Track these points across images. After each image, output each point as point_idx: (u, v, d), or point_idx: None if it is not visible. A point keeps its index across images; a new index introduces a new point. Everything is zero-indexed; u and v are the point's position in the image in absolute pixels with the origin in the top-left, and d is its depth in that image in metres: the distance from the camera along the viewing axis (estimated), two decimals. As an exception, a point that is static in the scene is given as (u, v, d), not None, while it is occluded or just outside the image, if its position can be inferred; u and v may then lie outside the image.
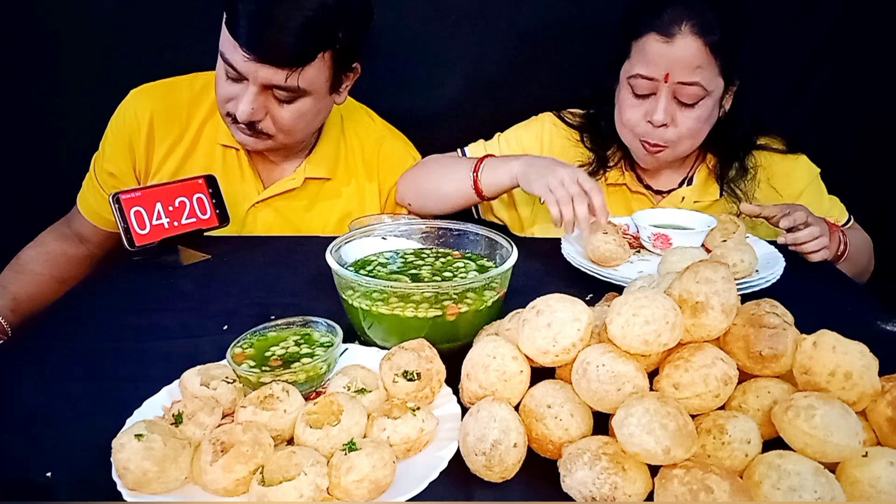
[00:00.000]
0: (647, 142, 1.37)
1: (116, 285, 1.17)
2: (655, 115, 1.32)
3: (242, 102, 1.28)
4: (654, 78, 1.31)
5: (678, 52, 1.27)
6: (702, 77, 1.29)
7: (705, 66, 1.28)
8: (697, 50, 1.27)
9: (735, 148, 1.46)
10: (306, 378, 0.76)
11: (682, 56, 1.27)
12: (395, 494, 0.64)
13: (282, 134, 1.36)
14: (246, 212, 1.45)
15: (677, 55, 1.28)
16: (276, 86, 1.27)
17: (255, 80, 1.26)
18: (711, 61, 1.29)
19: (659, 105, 1.31)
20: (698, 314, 0.70)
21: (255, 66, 1.23)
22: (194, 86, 1.44)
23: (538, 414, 0.69)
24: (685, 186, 1.49)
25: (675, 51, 1.28)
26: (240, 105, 1.28)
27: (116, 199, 1.17)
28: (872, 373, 0.67)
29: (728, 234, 1.19)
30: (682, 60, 1.28)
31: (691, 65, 1.28)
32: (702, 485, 0.58)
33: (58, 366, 0.90)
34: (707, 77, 1.29)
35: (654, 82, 1.31)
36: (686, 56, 1.27)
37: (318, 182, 1.49)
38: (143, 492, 0.63)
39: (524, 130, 1.56)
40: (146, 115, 1.40)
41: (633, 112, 1.37)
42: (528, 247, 1.06)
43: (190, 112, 1.43)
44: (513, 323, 0.80)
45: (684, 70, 1.28)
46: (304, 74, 1.26)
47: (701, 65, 1.28)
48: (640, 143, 1.39)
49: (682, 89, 1.30)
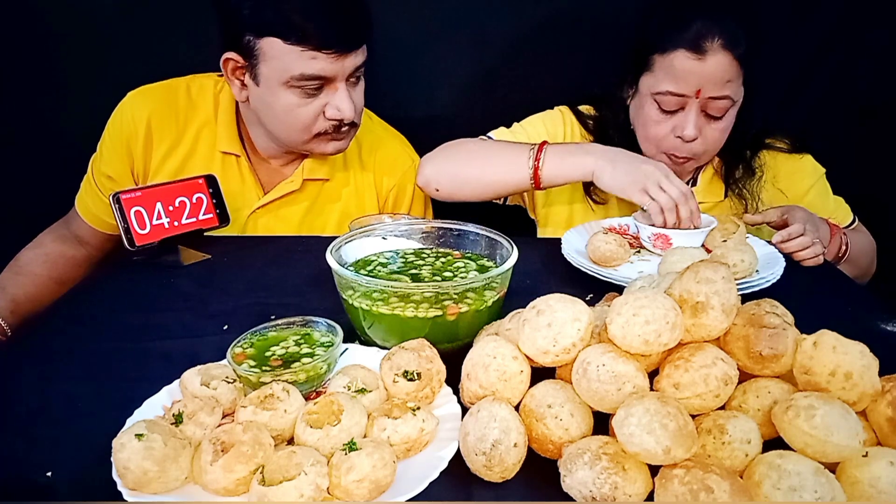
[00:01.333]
0: (675, 155, 1.36)
1: (116, 285, 1.17)
2: (686, 131, 1.31)
3: (344, 102, 1.28)
4: (685, 94, 1.30)
5: (710, 68, 1.27)
6: (731, 90, 1.30)
7: (734, 80, 1.29)
8: (728, 65, 1.27)
9: (742, 149, 1.45)
10: (306, 378, 0.76)
11: (714, 72, 1.27)
12: (395, 494, 0.64)
13: (358, 118, 1.37)
14: (246, 218, 1.45)
15: (709, 72, 1.27)
16: (358, 66, 1.28)
17: (342, 76, 1.26)
18: (739, 73, 1.30)
19: (689, 121, 1.31)
20: (698, 314, 0.70)
21: (342, 61, 1.24)
22: (191, 88, 1.44)
23: (538, 414, 0.69)
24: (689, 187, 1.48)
25: (707, 67, 1.27)
26: (343, 107, 1.28)
27: (117, 199, 1.17)
28: (872, 373, 0.67)
29: (728, 234, 1.19)
30: (714, 76, 1.27)
31: (722, 80, 1.28)
32: (702, 485, 0.58)
33: (58, 366, 0.90)
34: (735, 89, 1.31)
35: (683, 98, 1.31)
36: (718, 72, 1.27)
37: (317, 184, 1.48)
38: (143, 491, 0.63)
39: (548, 120, 1.53)
40: (143, 117, 1.39)
41: (660, 128, 1.36)
42: (529, 247, 1.06)
43: (187, 115, 1.43)
44: (513, 323, 0.80)
45: (716, 86, 1.28)
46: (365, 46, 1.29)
47: (731, 78, 1.28)
48: (666, 156, 1.38)
49: (712, 103, 1.30)
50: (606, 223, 1.34)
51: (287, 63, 1.23)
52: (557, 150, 1.31)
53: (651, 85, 1.35)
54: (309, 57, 1.21)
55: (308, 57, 1.21)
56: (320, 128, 1.32)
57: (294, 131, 1.33)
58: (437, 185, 1.40)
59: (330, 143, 1.37)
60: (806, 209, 1.31)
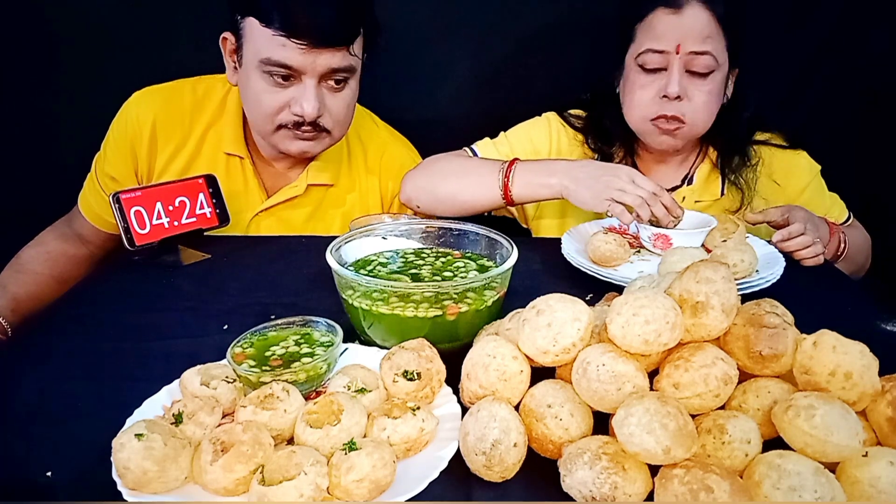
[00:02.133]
0: (664, 116, 1.34)
1: (116, 285, 1.17)
2: (669, 88, 1.30)
3: (307, 99, 1.25)
4: (665, 51, 1.30)
5: (688, 21, 1.28)
6: (712, 47, 1.29)
7: (714, 37, 1.29)
8: (707, 19, 1.28)
9: (737, 138, 1.45)
10: (306, 378, 0.76)
11: (693, 25, 1.28)
12: (395, 494, 0.64)
13: (337, 128, 1.34)
14: (249, 221, 1.44)
15: (687, 24, 1.28)
16: (334, 69, 1.25)
17: (313, 72, 1.23)
18: (719, 32, 1.30)
19: (672, 77, 1.30)
20: (698, 314, 0.70)
21: (313, 56, 1.21)
22: (197, 89, 1.43)
23: (538, 414, 0.69)
24: (685, 186, 1.48)
25: (685, 20, 1.28)
26: (304, 103, 1.25)
27: (117, 199, 1.17)
28: (872, 373, 0.67)
29: (728, 234, 1.19)
30: (693, 30, 1.28)
31: (702, 34, 1.28)
32: (702, 484, 0.58)
33: (58, 366, 0.90)
34: (717, 48, 1.30)
35: (664, 55, 1.31)
36: (696, 25, 1.28)
37: (321, 189, 1.47)
38: (143, 491, 0.63)
39: (534, 129, 1.53)
40: (149, 118, 1.38)
41: (645, 91, 1.35)
42: (528, 247, 1.06)
43: (193, 116, 1.42)
44: (513, 323, 0.80)
45: (695, 39, 1.28)
46: (353, 50, 1.26)
47: (710, 34, 1.29)
48: (654, 127, 1.37)
49: (695, 59, 1.30)
50: (606, 223, 1.34)
51: (259, 45, 1.22)
52: (526, 169, 1.31)
53: (634, 51, 1.36)
54: (279, 43, 1.19)
55: (278, 43, 1.19)
56: (283, 120, 1.29)
57: (260, 118, 1.31)
58: (417, 202, 1.43)
59: (295, 142, 1.33)
60: (806, 209, 1.31)
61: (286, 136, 1.32)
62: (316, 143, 1.34)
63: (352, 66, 1.28)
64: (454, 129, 1.66)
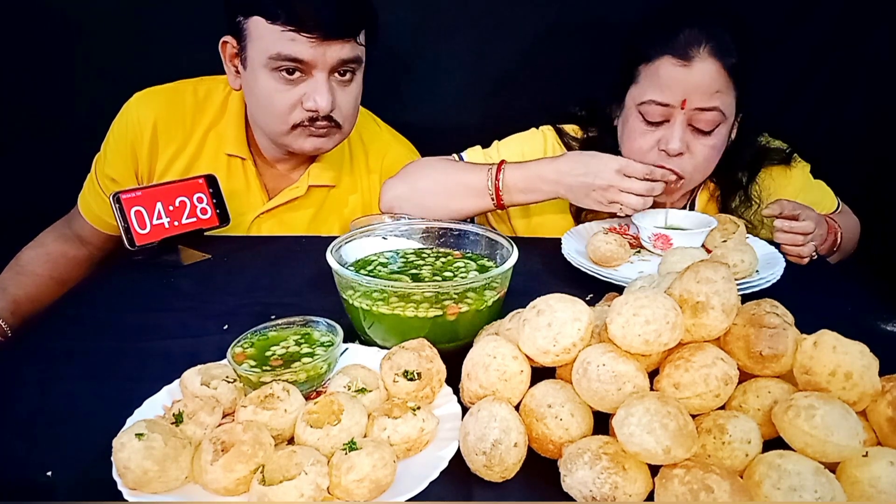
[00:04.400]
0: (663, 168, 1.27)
1: (116, 285, 1.17)
2: (671, 144, 1.23)
3: (320, 93, 1.25)
4: (670, 104, 1.23)
5: (696, 76, 1.20)
6: (720, 102, 1.22)
7: (724, 91, 1.22)
8: (717, 73, 1.20)
9: (738, 175, 1.40)
10: (307, 377, 0.76)
11: (701, 80, 1.20)
12: (395, 494, 0.64)
13: (346, 123, 1.34)
14: (250, 222, 1.44)
15: (696, 80, 1.20)
16: (344, 60, 1.25)
17: (323, 64, 1.24)
18: (729, 85, 1.22)
19: (674, 133, 1.23)
20: (699, 314, 0.70)
21: (323, 48, 1.21)
22: (198, 91, 1.43)
23: (538, 414, 0.69)
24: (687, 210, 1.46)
25: (694, 75, 1.20)
26: (318, 97, 1.25)
27: (117, 199, 1.17)
28: (872, 373, 0.67)
29: (728, 235, 1.19)
30: (701, 85, 1.20)
31: (710, 89, 1.21)
32: (702, 484, 0.58)
33: (58, 366, 0.90)
34: (725, 102, 1.23)
35: (668, 109, 1.23)
36: (705, 80, 1.20)
37: (322, 190, 1.46)
38: (143, 491, 0.63)
39: (528, 143, 1.49)
40: (150, 120, 1.38)
41: (645, 140, 1.28)
42: (528, 247, 1.06)
43: (194, 118, 1.41)
44: (513, 323, 0.80)
45: (703, 95, 1.21)
46: (359, 40, 1.26)
47: (720, 89, 1.21)
48: None
49: (700, 116, 1.23)
50: (606, 223, 1.34)
51: (267, 42, 1.21)
52: (516, 174, 1.27)
53: (636, 96, 1.28)
54: (288, 38, 1.19)
55: (287, 38, 1.19)
56: (297, 118, 1.29)
57: (272, 119, 1.31)
58: (400, 209, 1.37)
59: (308, 140, 1.33)
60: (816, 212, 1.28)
61: (301, 134, 1.32)
62: (328, 139, 1.35)
63: (359, 57, 1.29)
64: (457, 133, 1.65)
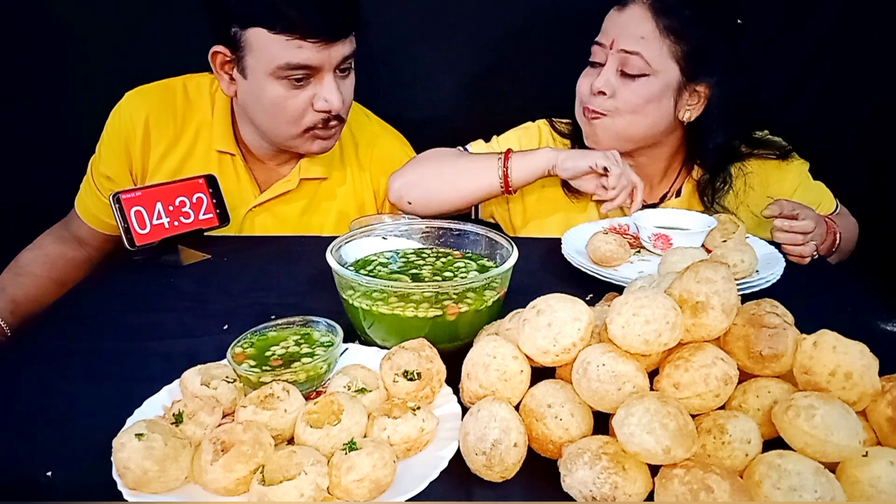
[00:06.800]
0: (587, 108, 1.37)
1: (116, 285, 1.17)
2: (595, 82, 1.34)
3: (331, 93, 1.27)
4: (603, 44, 1.34)
5: (626, 18, 1.31)
6: (644, 49, 1.29)
7: (650, 40, 1.29)
8: (644, 20, 1.29)
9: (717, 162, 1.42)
10: (306, 378, 0.76)
11: (628, 24, 1.31)
12: (395, 494, 0.64)
13: (347, 114, 1.36)
14: (243, 217, 1.44)
15: (624, 22, 1.31)
16: (346, 56, 1.27)
17: (330, 65, 1.25)
18: (658, 38, 1.29)
19: (602, 72, 1.33)
20: (698, 314, 0.70)
21: (328, 50, 1.23)
22: (188, 87, 1.43)
23: (538, 413, 0.69)
24: (673, 198, 1.47)
25: (623, 18, 1.32)
26: (329, 97, 1.27)
27: (117, 199, 1.17)
28: (872, 373, 0.67)
29: (728, 235, 1.19)
30: (628, 28, 1.31)
31: (636, 34, 1.30)
32: (702, 484, 0.58)
33: (58, 366, 0.90)
34: (651, 52, 1.29)
35: (603, 50, 1.34)
36: (632, 24, 1.30)
37: (313, 183, 1.47)
38: (143, 491, 0.63)
39: (524, 136, 1.54)
40: (141, 117, 1.39)
41: (583, 81, 1.38)
42: (528, 247, 1.06)
43: (185, 114, 1.42)
44: (513, 323, 0.80)
45: (628, 38, 1.30)
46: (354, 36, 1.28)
47: (645, 36, 1.29)
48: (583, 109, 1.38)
49: (625, 59, 1.31)
50: (606, 223, 1.34)
51: (273, 53, 1.21)
52: (519, 154, 1.36)
53: None
54: (295, 46, 1.20)
55: (294, 46, 1.20)
56: (309, 122, 1.30)
57: (282, 125, 1.31)
58: (409, 198, 1.41)
59: (315, 142, 1.35)
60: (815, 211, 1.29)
61: (309, 137, 1.34)
62: (334, 137, 1.37)
63: (355, 49, 1.31)
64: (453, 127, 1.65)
